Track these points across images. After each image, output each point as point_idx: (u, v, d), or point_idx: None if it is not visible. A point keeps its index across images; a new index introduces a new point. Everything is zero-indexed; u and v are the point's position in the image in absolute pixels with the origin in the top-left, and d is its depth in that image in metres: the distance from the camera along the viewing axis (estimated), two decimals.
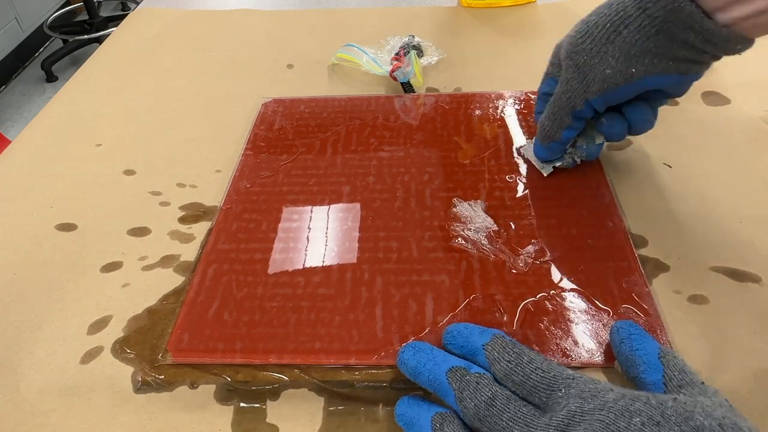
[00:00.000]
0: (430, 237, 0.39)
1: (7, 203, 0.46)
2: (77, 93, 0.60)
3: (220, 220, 0.42)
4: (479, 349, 0.30)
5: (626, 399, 0.25)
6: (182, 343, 0.34)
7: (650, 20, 0.34)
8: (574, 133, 0.41)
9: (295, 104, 0.53)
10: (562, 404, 0.26)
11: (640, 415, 0.24)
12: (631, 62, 0.36)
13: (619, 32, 0.35)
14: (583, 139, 0.42)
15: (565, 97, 0.39)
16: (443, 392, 0.29)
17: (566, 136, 0.41)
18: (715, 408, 0.24)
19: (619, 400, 0.25)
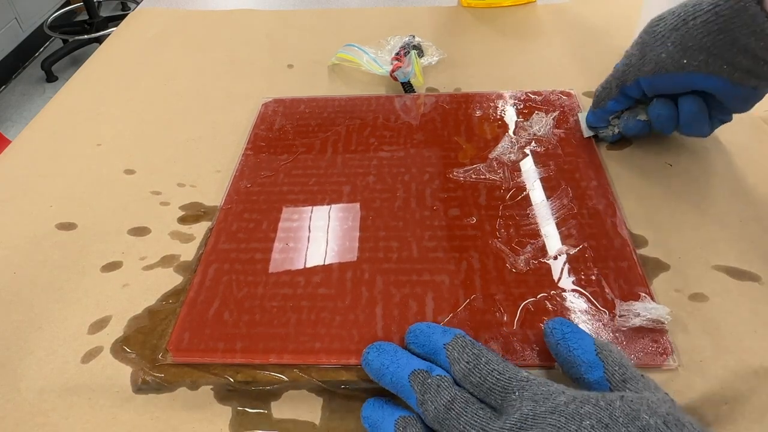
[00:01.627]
0: (431, 237, 0.39)
1: (7, 203, 0.46)
2: (77, 93, 0.60)
3: (221, 220, 0.42)
4: (441, 348, 0.30)
5: (576, 402, 0.25)
6: (182, 343, 0.34)
7: (716, 17, 0.35)
8: (619, 106, 0.43)
9: (296, 104, 0.53)
10: (515, 407, 0.26)
11: (590, 418, 0.24)
12: (685, 53, 0.37)
13: (687, 22, 0.37)
14: (629, 112, 0.44)
15: (621, 70, 0.41)
16: (406, 395, 0.29)
17: (611, 107, 0.43)
18: (660, 404, 0.24)
19: (570, 403, 0.25)
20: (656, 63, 0.38)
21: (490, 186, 0.43)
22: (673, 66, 0.37)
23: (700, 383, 0.31)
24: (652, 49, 0.39)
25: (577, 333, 0.30)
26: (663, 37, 0.38)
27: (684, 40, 0.37)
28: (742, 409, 0.30)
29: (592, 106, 0.45)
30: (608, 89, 0.43)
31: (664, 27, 0.38)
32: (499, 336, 0.33)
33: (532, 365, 0.32)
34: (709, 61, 0.36)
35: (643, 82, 0.40)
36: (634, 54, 0.40)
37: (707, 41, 0.35)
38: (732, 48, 0.35)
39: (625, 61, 0.41)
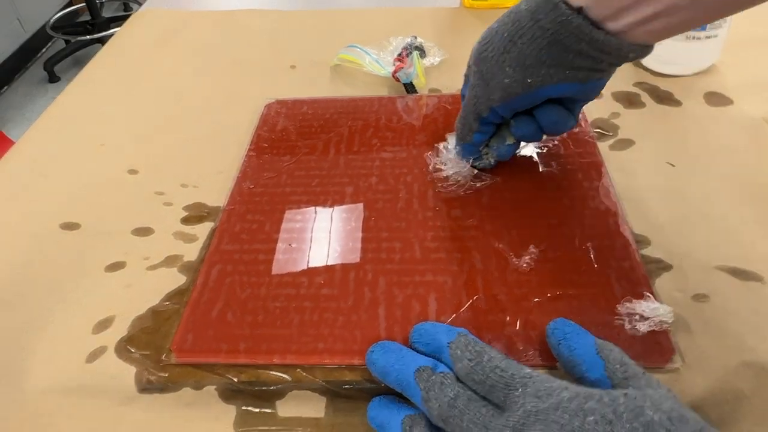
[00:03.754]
0: (433, 237, 0.39)
1: (10, 203, 0.46)
2: (81, 93, 0.60)
3: (224, 221, 0.42)
4: (444, 347, 0.30)
5: (580, 398, 0.25)
6: (186, 344, 0.34)
7: (542, 32, 0.34)
8: (485, 136, 0.42)
9: (298, 105, 0.54)
10: (519, 403, 0.26)
11: (594, 414, 0.24)
12: (526, 72, 0.36)
13: (515, 42, 0.36)
14: (495, 139, 0.43)
15: (472, 103, 0.40)
16: (411, 392, 0.29)
17: (477, 139, 0.42)
18: (663, 401, 0.24)
19: (573, 399, 0.25)
20: (503, 90, 0.37)
21: (492, 186, 0.43)
22: (520, 88, 0.36)
23: (702, 383, 0.31)
24: (492, 76, 0.37)
25: (578, 333, 0.30)
26: (498, 62, 0.36)
27: (519, 60, 0.35)
28: (745, 410, 0.30)
29: (458, 140, 0.43)
30: (467, 124, 0.41)
31: (493, 51, 0.37)
32: (501, 336, 0.33)
33: (535, 365, 0.32)
34: (551, 72, 0.35)
35: (498, 109, 0.39)
36: (478, 85, 0.39)
37: (542, 55, 0.35)
38: (567, 55, 0.34)
39: (472, 93, 0.40)
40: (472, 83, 0.40)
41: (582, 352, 0.29)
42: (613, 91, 0.53)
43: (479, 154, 0.43)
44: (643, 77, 0.55)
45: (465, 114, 0.41)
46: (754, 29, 0.60)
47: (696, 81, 0.54)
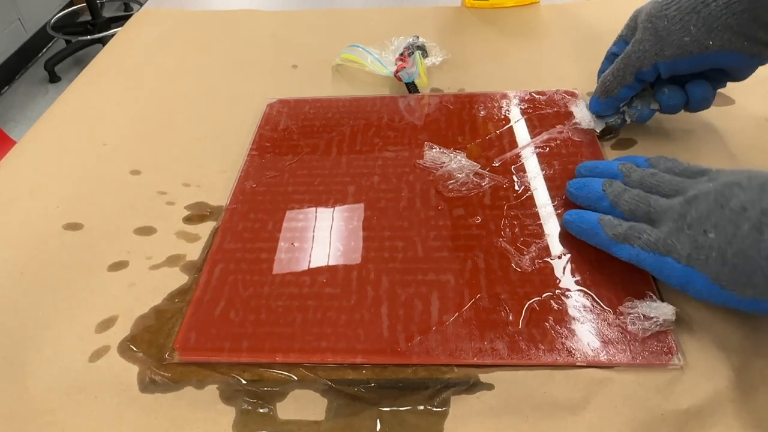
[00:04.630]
0: (436, 236, 0.40)
1: (13, 203, 0.46)
2: (83, 93, 0.60)
3: (226, 220, 0.42)
4: (617, 173, 0.38)
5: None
6: (189, 342, 0.34)
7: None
8: (632, 93, 0.43)
9: (300, 105, 0.54)
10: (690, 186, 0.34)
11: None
12: (710, 35, 0.37)
13: (707, 3, 0.37)
14: (640, 101, 0.44)
15: (635, 56, 0.41)
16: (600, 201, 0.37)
17: (624, 94, 0.43)
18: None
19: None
20: (678, 47, 0.39)
21: (494, 186, 0.43)
22: (698, 48, 0.38)
23: (705, 382, 0.31)
24: (670, 33, 0.39)
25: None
26: (682, 21, 0.38)
27: (707, 22, 0.37)
28: (748, 408, 0.30)
29: (600, 95, 0.45)
30: (620, 76, 0.43)
31: (678, 10, 0.38)
32: (504, 335, 0.33)
33: (538, 364, 0.32)
34: (732, 38, 0.37)
35: (662, 66, 0.40)
36: (647, 39, 0.40)
37: (731, 21, 0.36)
38: (754, 24, 0.36)
39: (637, 47, 0.41)
40: (638, 38, 0.41)
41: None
42: None
43: (614, 113, 0.45)
44: None
45: (622, 66, 0.42)
46: None
47: None
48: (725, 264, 0.30)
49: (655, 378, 0.31)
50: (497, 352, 0.32)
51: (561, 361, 0.32)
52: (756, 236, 0.29)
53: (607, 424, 0.30)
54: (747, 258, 0.30)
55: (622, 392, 0.31)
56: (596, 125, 0.46)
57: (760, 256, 0.29)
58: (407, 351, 0.33)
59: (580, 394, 0.31)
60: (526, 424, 0.30)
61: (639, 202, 0.36)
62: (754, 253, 0.29)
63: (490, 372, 0.32)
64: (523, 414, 0.30)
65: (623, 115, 0.45)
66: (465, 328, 0.34)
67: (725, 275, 0.30)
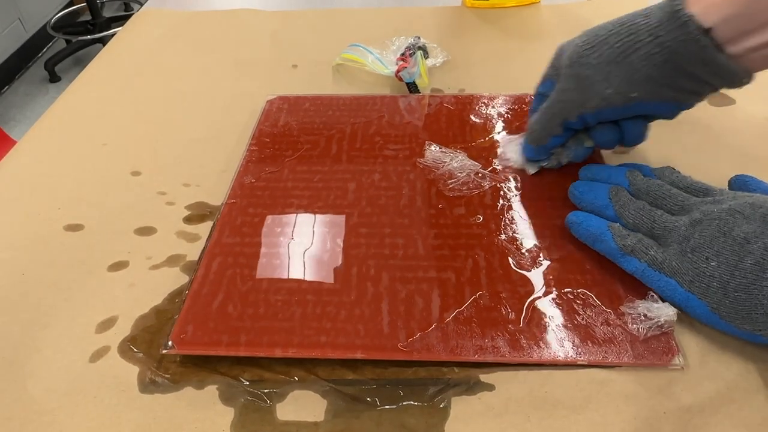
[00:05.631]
0: (437, 235, 0.39)
1: (14, 203, 0.46)
2: (83, 93, 0.60)
3: (225, 214, 0.42)
4: (623, 180, 0.38)
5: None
6: (186, 335, 0.34)
7: (660, 49, 0.34)
8: (561, 140, 0.41)
9: (300, 102, 0.54)
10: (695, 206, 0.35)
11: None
12: (633, 86, 0.36)
13: (627, 55, 0.35)
14: (573, 141, 0.42)
15: (559, 106, 0.39)
16: (605, 208, 0.37)
17: (553, 143, 0.41)
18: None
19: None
20: (602, 99, 0.37)
21: (495, 185, 0.43)
22: (621, 100, 0.36)
23: (706, 383, 0.31)
24: (593, 84, 0.37)
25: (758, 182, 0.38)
26: (603, 71, 0.36)
27: (628, 74, 0.35)
28: (750, 408, 0.30)
29: (531, 142, 0.42)
30: (548, 127, 0.40)
31: (599, 59, 0.36)
32: (505, 333, 0.33)
33: (539, 362, 0.32)
34: (656, 90, 0.35)
35: (588, 116, 0.38)
36: (571, 89, 0.38)
37: (653, 73, 0.35)
38: (678, 75, 0.34)
39: (561, 97, 0.39)
40: (562, 87, 0.39)
41: (762, 191, 0.36)
42: None
43: (549, 156, 0.43)
44: None
45: (548, 117, 0.40)
46: None
47: None
48: (726, 296, 0.31)
49: (657, 378, 0.31)
50: (498, 349, 0.32)
51: (562, 360, 0.32)
52: (759, 273, 0.30)
53: (609, 422, 0.30)
54: (749, 293, 0.30)
55: (624, 392, 0.31)
56: (530, 167, 0.44)
57: (762, 294, 0.29)
58: (407, 347, 0.33)
59: (581, 394, 0.31)
60: (528, 424, 0.30)
61: (644, 216, 0.35)
62: (756, 290, 0.29)
63: (491, 372, 0.32)
64: (525, 414, 0.30)
65: (558, 156, 0.43)
66: (466, 326, 0.34)
67: (725, 307, 0.31)
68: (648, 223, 0.35)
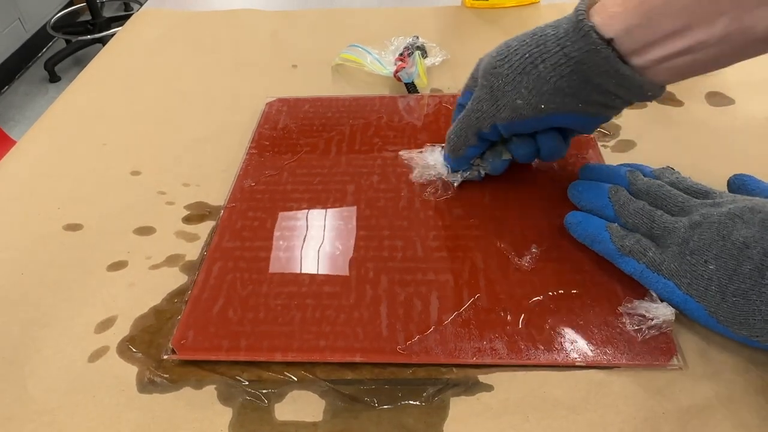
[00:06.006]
0: (435, 236, 0.39)
1: (14, 203, 0.46)
2: (82, 93, 0.60)
3: (225, 218, 0.42)
4: (623, 178, 0.38)
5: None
6: (187, 341, 0.34)
7: (566, 59, 0.34)
8: (478, 151, 0.41)
9: (300, 104, 0.54)
10: (695, 209, 0.35)
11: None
12: (542, 98, 0.35)
13: (536, 65, 0.35)
14: (491, 153, 0.42)
15: (474, 116, 0.39)
16: (604, 207, 0.37)
17: (470, 153, 0.41)
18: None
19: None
20: (512, 110, 0.37)
21: (493, 186, 0.43)
22: (531, 111, 0.36)
23: (705, 383, 0.31)
24: (504, 94, 0.37)
25: (757, 181, 0.38)
26: (513, 82, 0.36)
27: (537, 84, 0.35)
28: (749, 408, 0.30)
29: (450, 153, 0.42)
30: (464, 137, 0.40)
31: (510, 69, 0.36)
32: (503, 335, 0.33)
33: (537, 364, 0.32)
34: (566, 101, 0.35)
35: (501, 127, 0.38)
36: (485, 99, 0.38)
37: (561, 83, 0.34)
38: (586, 87, 0.34)
39: (475, 107, 0.39)
40: (477, 96, 0.39)
41: (761, 191, 0.37)
42: None
43: (469, 167, 0.43)
44: None
45: (463, 127, 0.40)
46: None
47: (698, 81, 0.54)
48: (724, 300, 0.31)
49: (655, 379, 0.31)
50: (496, 351, 0.32)
51: (560, 361, 0.32)
52: (757, 279, 0.30)
53: (608, 422, 0.30)
54: (747, 299, 0.30)
55: (623, 392, 0.31)
56: (452, 178, 0.43)
57: (760, 300, 0.29)
58: (406, 350, 0.33)
59: (580, 394, 0.31)
60: (527, 424, 0.30)
61: (643, 217, 0.35)
62: (754, 296, 0.29)
63: (490, 373, 0.32)
64: (523, 414, 0.30)
65: (478, 167, 0.43)
66: (464, 328, 0.34)
67: (723, 311, 0.31)
68: (647, 223, 0.35)
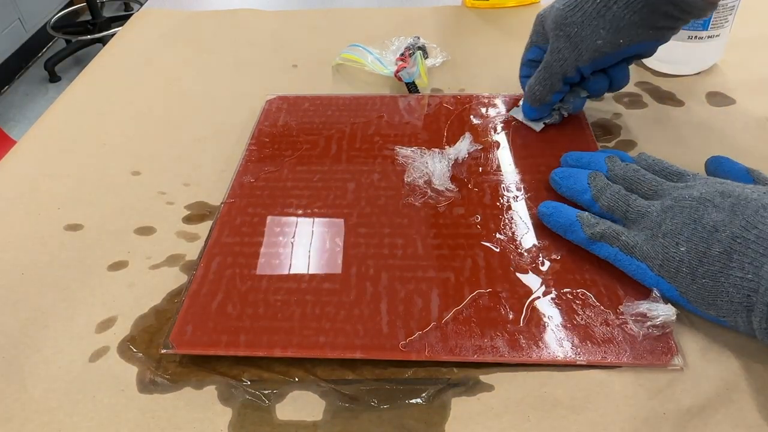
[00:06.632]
0: (436, 234, 0.39)
1: (14, 202, 0.46)
2: (83, 93, 0.60)
3: (224, 214, 0.42)
4: (602, 164, 0.40)
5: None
6: (186, 335, 0.34)
7: None
8: (563, 95, 0.46)
9: (300, 101, 0.54)
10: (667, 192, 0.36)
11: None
12: (620, 34, 0.40)
13: (609, 7, 0.40)
14: (570, 94, 0.46)
15: (558, 64, 0.43)
16: (582, 193, 0.39)
17: (556, 98, 0.46)
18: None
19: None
20: (594, 50, 0.41)
21: (494, 184, 0.43)
22: (611, 47, 0.41)
23: (705, 383, 0.31)
24: (583, 39, 0.41)
25: (731, 162, 0.40)
26: (591, 26, 0.41)
27: (614, 23, 0.40)
28: (749, 408, 0.30)
29: (532, 103, 0.46)
30: (549, 84, 0.45)
31: (584, 16, 0.41)
32: (504, 333, 0.33)
33: (538, 362, 0.32)
34: (639, 31, 0.40)
35: (585, 69, 0.43)
36: (565, 47, 0.42)
37: (635, 18, 0.39)
38: (654, 15, 0.39)
39: (556, 56, 0.43)
40: (555, 47, 0.43)
41: (735, 173, 0.38)
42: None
43: (550, 112, 0.47)
44: (645, 77, 0.55)
45: (548, 76, 0.44)
46: (756, 29, 0.60)
47: (698, 81, 0.54)
48: (694, 282, 0.32)
49: (656, 379, 0.31)
50: (497, 349, 0.32)
51: (561, 360, 0.32)
52: (725, 262, 0.31)
53: (609, 422, 0.30)
54: (716, 281, 0.31)
55: (623, 392, 0.31)
56: (536, 126, 0.48)
57: (728, 282, 0.30)
58: (407, 347, 0.33)
59: (581, 394, 0.31)
60: (528, 424, 0.30)
61: (619, 200, 0.37)
62: (722, 278, 0.31)
63: (491, 373, 0.32)
64: (524, 414, 0.30)
65: (559, 111, 0.47)
66: (465, 326, 0.34)
67: (693, 292, 0.32)
68: (623, 207, 0.37)
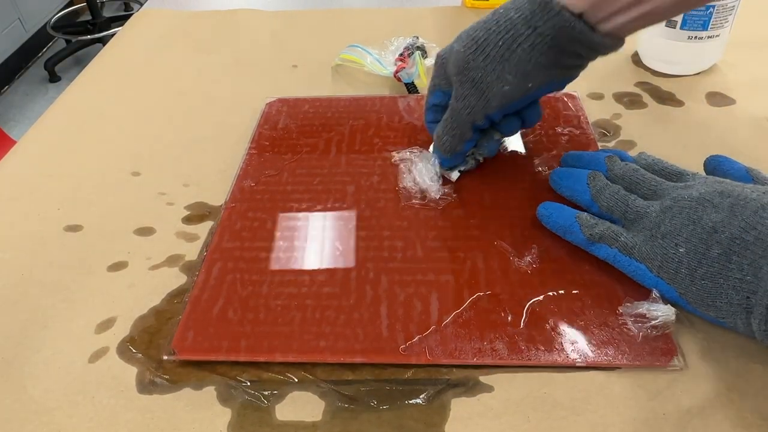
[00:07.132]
0: (435, 237, 0.39)
1: (13, 203, 0.46)
2: (83, 93, 0.60)
3: (225, 219, 0.42)
4: (601, 163, 0.40)
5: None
6: (187, 341, 0.34)
7: (542, 38, 0.35)
8: (474, 143, 0.43)
9: (300, 104, 0.54)
10: (668, 192, 0.35)
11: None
12: (528, 78, 0.37)
13: (513, 50, 0.36)
14: (483, 139, 0.43)
15: (465, 112, 0.40)
16: (581, 193, 0.39)
17: (468, 147, 0.43)
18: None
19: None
20: (502, 97, 0.38)
21: (494, 186, 0.43)
22: (520, 93, 0.38)
23: (705, 384, 0.31)
24: (489, 85, 0.38)
25: (731, 161, 0.39)
26: (495, 71, 0.37)
27: (519, 67, 0.37)
28: (749, 409, 0.30)
29: (446, 153, 0.43)
30: (458, 134, 0.41)
31: (487, 60, 0.37)
32: (504, 335, 0.33)
33: (538, 365, 0.32)
34: (548, 73, 0.37)
35: (494, 115, 0.40)
36: (470, 94, 0.39)
37: (542, 59, 0.36)
38: (562, 56, 0.36)
39: (463, 104, 0.40)
40: (460, 93, 0.40)
41: (735, 172, 0.37)
42: (614, 92, 0.53)
43: (464, 159, 0.44)
44: (645, 77, 0.55)
45: (456, 125, 0.41)
46: (756, 29, 0.60)
47: (698, 81, 0.54)
48: (693, 283, 0.32)
49: (656, 379, 0.31)
50: (497, 352, 0.32)
51: (561, 361, 0.32)
52: (725, 263, 0.30)
53: (608, 423, 0.30)
54: (715, 282, 0.31)
55: (623, 393, 0.31)
56: (452, 175, 0.44)
57: (727, 284, 0.30)
58: (406, 351, 0.33)
59: (580, 395, 0.31)
60: (527, 425, 0.30)
61: (618, 201, 0.37)
62: (721, 279, 0.30)
63: (490, 373, 0.32)
64: (524, 415, 0.30)
65: (473, 156, 0.44)
66: (464, 329, 0.34)
67: (692, 293, 0.32)
68: (622, 207, 0.36)
